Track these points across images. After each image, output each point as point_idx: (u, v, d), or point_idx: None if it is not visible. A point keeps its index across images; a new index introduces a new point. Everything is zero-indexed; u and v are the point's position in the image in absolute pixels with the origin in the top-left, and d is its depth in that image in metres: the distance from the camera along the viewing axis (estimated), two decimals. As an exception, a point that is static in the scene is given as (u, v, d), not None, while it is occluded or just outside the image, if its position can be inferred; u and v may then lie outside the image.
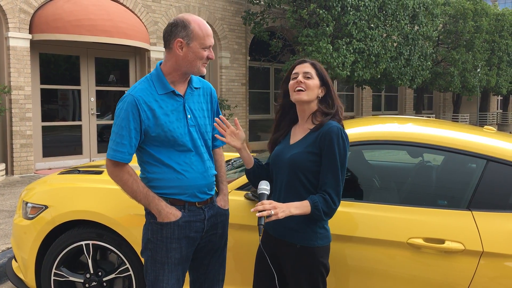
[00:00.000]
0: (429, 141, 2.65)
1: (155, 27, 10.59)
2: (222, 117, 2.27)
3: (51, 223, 2.95)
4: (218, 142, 2.41)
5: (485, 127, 3.34)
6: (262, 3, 12.18)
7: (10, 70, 8.46)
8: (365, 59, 11.86)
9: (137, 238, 2.71)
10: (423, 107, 20.31)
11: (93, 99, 9.97)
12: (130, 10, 10.07)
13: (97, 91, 10.09)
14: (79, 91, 9.82)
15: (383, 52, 12.20)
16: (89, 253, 2.92)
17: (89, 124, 9.94)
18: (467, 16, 16.68)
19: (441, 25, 17.60)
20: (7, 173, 8.67)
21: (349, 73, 11.36)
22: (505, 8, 19.36)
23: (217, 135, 2.28)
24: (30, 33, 8.71)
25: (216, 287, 2.37)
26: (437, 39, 17.42)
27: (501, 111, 26.72)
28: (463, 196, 2.53)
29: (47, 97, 9.42)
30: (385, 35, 12.50)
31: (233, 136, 2.26)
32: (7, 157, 8.66)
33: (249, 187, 2.70)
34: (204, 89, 2.32)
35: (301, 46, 11.34)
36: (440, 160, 3.07)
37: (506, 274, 2.32)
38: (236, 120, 2.28)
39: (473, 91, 17.72)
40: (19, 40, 8.55)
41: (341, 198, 2.09)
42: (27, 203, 3.14)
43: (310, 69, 2.19)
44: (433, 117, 19.05)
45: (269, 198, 2.09)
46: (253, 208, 1.94)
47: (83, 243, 2.91)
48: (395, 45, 13.02)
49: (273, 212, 1.92)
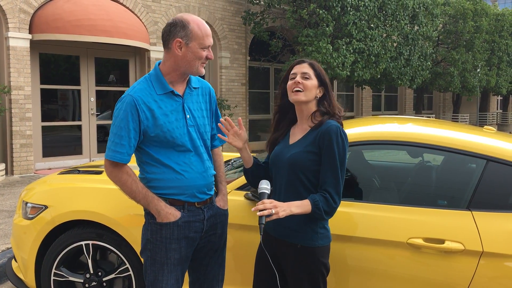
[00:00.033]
0: (429, 141, 2.65)
1: (155, 27, 10.59)
2: (227, 118, 2.28)
3: (51, 223, 2.95)
4: (216, 142, 2.42)
5: (485, 127, 3.34)
6: (262, 3, 12.18)
7: (10, 70, 8.46)
8: (365, 59, 11.86)
9: (137, 238, 2.70)
10: (423, 107, 20.31)
11: (93, 99, 9.97)
12: (130, 10, 10.07)
13: (97, 91, 10.09)
14: (79, 91, 9.82)
15: (383, 52, 12.20)
16: (89, 253, 2.91)
17: (89, 124, 9.94)
18: (467, 16, 16.68)
19: (441, 25, 17.60)
20: (7, 173, 8.67)
21: (349, 73, 11.36)
22: (505, 8, 19.36)
23: (220, 135, 2.28)
24: (30, 33, 8.71)
25: (215, 287, 2.37)
26: (437, 39, 17.42)
27: (501, 111, 26.72)
28: (463, 196, 2.53)
29: (47, 97, 9.41)
30: (385, 35, 12.50)
31: (235, 136, 2.27)
32: (7, 157, 8.66)
33: (249, 187, 2.70)
34: (203, 89, 2.32)
35: (301, 46, 11.33)
36: (440, 160, 3.07)
37: (506, 274, 2.32)
38: (240, 120, 2.28)
39: (473, 91, 17.72)
40: (19, 40, 8.54)
41: (341, 197, 2.09)
42: (27, 203, 3.14)
43: (308, 70, 2.19)
44: (433, 117, 19.05)
45: (270, 197, 2.09)
46: (254, 207, 1.94)
47: (83, 243, 2.91)
48: (395, 45, 13.02)
49: (273, 211, 1.92)
